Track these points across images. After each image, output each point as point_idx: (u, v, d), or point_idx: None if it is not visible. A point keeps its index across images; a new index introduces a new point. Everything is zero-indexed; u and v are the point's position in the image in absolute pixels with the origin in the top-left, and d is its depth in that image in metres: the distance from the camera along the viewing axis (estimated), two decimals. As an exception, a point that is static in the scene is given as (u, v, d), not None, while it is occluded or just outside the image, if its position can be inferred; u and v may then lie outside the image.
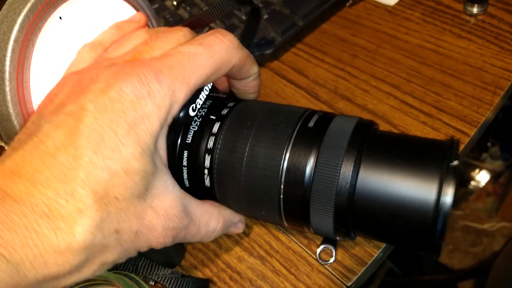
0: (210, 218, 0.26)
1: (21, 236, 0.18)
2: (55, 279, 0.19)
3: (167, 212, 0.23)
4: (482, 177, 1.11)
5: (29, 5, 0.24)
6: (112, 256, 0.21)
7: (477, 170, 1.11)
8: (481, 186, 1.10)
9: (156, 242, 0.23)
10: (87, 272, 0.21)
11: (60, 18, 0.26)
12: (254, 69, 0.29)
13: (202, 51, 0.24)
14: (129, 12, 0.30)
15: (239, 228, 0.30)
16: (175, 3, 0.46)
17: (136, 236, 0.22)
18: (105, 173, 0.20)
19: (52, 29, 0.26)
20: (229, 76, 0.28)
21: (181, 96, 0.23)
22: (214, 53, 0.24)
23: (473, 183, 1.11)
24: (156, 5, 0.47)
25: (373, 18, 0.43)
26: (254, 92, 0.31)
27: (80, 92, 0.21)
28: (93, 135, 0.20)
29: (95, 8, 0.28)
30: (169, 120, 0.23)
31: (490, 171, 1.11)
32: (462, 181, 1.10)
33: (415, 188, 0.22)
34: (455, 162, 0.22)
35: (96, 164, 0.19)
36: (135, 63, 0.22)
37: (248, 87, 0.30)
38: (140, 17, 0.30)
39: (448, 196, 0.21)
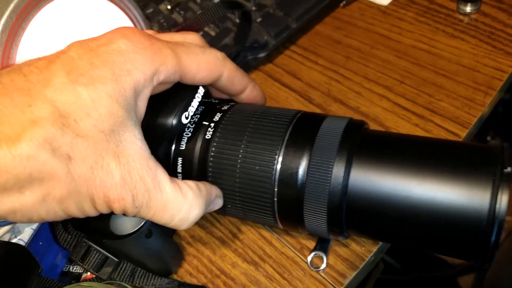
0: (185, 201, 0.24)
1: None
2: None
3: (128, 163, 0.21)
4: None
5: (12, 6, 0.24)
6: (60, 189, 0.20)
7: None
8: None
9: (113, 195, 0.21)
10: (30, 199, 0.19)
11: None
12: (246, 79, 0.29)
13: (196, 47, 0.26)
14: (115, 12, 0.30)
15: (218, 204, 0.27)
16: (169, 7, 0.46)
17: (91, 173, 0.20)
18: (71, 95, 0.20)
19: (36, 30, 0.26)
20: (226, 91, 0.29)
21: (171, 64, 0.24)
22: (206, 52, 0.26)
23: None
24: (151, 9, 0.47)
25: (367, 19, 0.43)
26: (259, 101, 0.31)
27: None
28: (69, 61, 0.21)
29: (80, 9, 0.28)
30: (155, 82, 0.23)
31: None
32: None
33: (450, 194, 0.22)
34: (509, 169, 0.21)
35: (65, 85, 0.20)
36: (131, 27, 0.24)
37: (252, 98, 0.30)
38: None
39: (503, 204, 0.21)
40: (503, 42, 0.37)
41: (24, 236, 0.32)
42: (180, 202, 0.23)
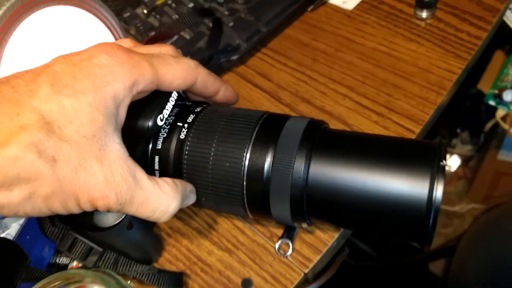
0: (163, 195, 0.26)
1: None
2: None
3: (110, 165, 0.23)
4: (453, 162, 1.16)
5: (8, 4, 0.26)
6: (45, 188, 0.22)
7: (448, 156, 1.16)
8: (452, 171, 1.15)
9: (97, 194, 0.23)
10: (17, 196, 0.21)
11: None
12: (218, 82, 0.32)
13: (170, 57, 0.28)
14: (93, 22, 0.32)
15: (192, 199, 0.29)
16: (145, 11, 0.48)
17: (74, 174, 0.22)
18: (55, 105, 0.22)
19: (17, 41, 0.28)
20: (201, 94, 0.31)
21: (148, 75, 0.26)
22: (180, 62, 0.28)
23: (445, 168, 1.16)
24: (128, 13, 0.49)
25: (333, 23, 0.46)
26: (233, 99, 0.34)
27: (57, 56, 0.25)
28: (53, 74, 0.23)
29: (59, 20, 0.30)
30: (134, 92, 0.26)
31: (460, 155, 1.16)
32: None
33: (395, 185, 0.25)
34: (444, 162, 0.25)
35: (50, 96, 0.22)
36: (111, 43, 0.26)
37: (225, 98, 0.33)
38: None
39: (438, 192, 0.24)
40: (454, 45, 0.41)
41: (11, 231, 0.34)
42: (160, 197, 0.26)
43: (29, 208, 0.22)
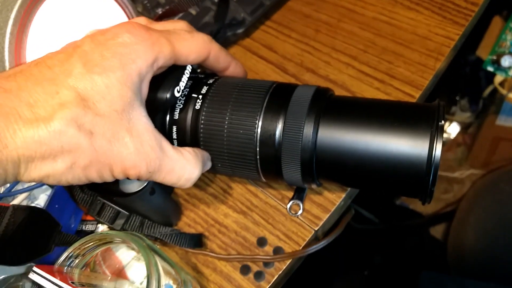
0: (187, 163, 0.28)
1: (4, 114, 0.22)
2: (33, 159, 0.23)
3: (140, 136, 0.26)
4: (452, 129, 1.18)
5: (19, 1, 0.28)
6: (84, 159, 0.24)
7: (448, 123, 1.18)
8: (452, 138, 1.17)
9: (129, 163, 0.25)
10: (60, 166, 0.24)
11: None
12: (229, 57, 0.34)
13: (185, 33, 0.30)
14: (108, 3, 0.34)
15: (208, 166, 0.31)
16: (151, -12, 0.49)
17: (109, 145, 0.24)
18: (89, 82, 0.24)
19: (40, 21, 0.30)
20: (213, 68, 0.33)
21: (167, 51, 0.28)
22: (194, 37, 0.30)
23: (444, 135, 1.18)
24: (134, -9, 0.50)
25: (334, -6, 0.48)
26: (241, 74, 0.36)
27: (84, 36, 0.27)
28: (84, 54, 0.25)
29: (78, 1, 0.32)
30: (155, 67, 0.28)
31: (460, 123, 1.18)
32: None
33: (397, 145, 0.27)
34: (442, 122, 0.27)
35: (83, 75, 0.24)
36: (132, 21, 0.28)
37: (235, 73, 0.35)
38: None
39: (437, 150, 0.26)
40: (452, 12, 0.42)
41: (40, 201, 0.37)
42: (184, 165, 0.28)
43: (70, 176, 0.25)
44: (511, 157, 0.97)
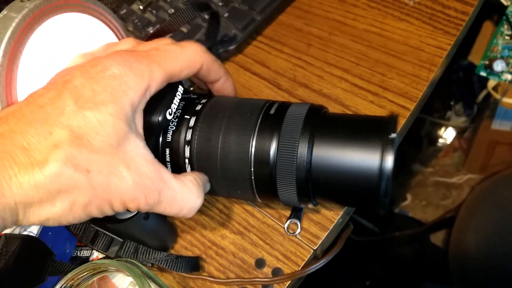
0: (189, 193, 0.28)
1: None
2: (30, 204, 0.22)
3: (138, 169, 0.25)
4: (448, 134, 1.18)
5: (9, 32, 0.28)
6: (83, 197, 0.23)
7: (443, 128, 1.19)
8: (448, 143, 1.17)
9: (128, 197, 0.25)
10: (59, 208, 0.23)
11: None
12: (222, 71, 0.33)
13: (175, 48, 0.29)
14: (99, 26, 0.34)
15: (207, 188, 0.31)
16: (141, 7, 0.49)
17: (106, 181, 0.24)
18: (81, 119, 0.24)
19: (31, 50, 0.29)
20: (202, 79, 0.33)
21: (159, 76, 0.27)
22: (185, 50, 0.30)
23: (441, 140, 1.18)
24: (124, 10, 0.50)
25: (324, 7, 0.48)
26: (230, 92, 0.35)
27: (73, 68, 0.26)
28: (75, 90, 0.24)
29: (69, 27, 0.31)
30: (148, 96, 0.27)
31: (455, 127, 1.18)
32: (431, 140, 1.17)
33: (361, 159, 0.27)
34: (393, 135, 0.27)
35: (75, 112, 0.24)
36: (119, 51, 0.27)
37: (223, 88, 0.35)
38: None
39: (388, 162, 0.26)
40: (442, 22, 0.42)
41: (32, 229, 0.36)
42: (186, 195, 0.28)
43: (71, 217, 0.24)
44: (508, 161, 0.97)
